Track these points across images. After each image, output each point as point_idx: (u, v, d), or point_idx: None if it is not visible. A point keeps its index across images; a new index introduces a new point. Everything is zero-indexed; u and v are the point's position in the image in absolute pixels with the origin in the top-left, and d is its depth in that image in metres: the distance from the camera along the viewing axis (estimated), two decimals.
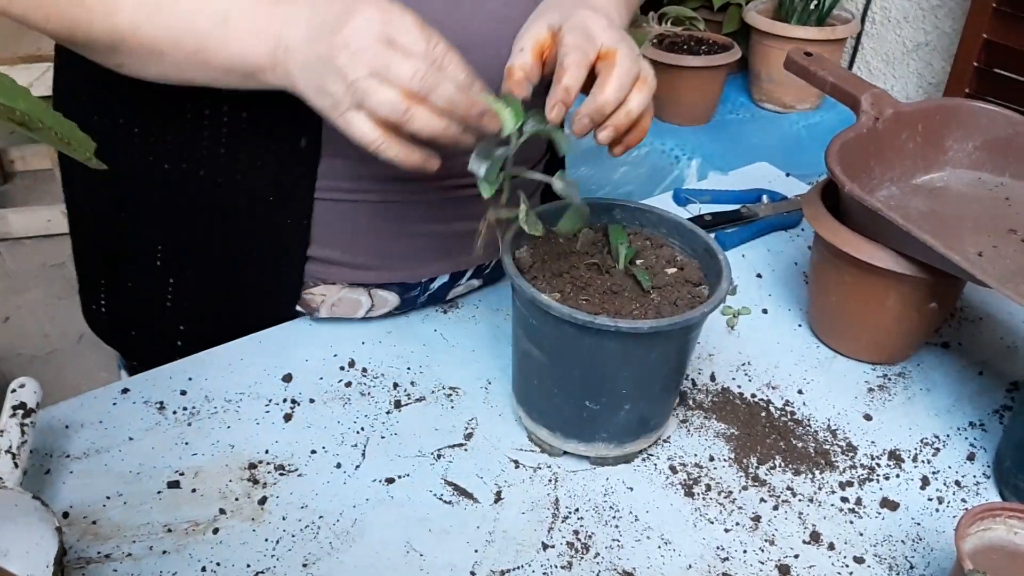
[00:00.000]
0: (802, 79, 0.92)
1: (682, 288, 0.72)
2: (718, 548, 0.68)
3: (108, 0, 0.65)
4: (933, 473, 0.76)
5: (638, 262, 0.75)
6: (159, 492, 0.68)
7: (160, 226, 0.83)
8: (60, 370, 0.67)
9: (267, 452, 0.73)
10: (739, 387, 0.84)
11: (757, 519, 0.71)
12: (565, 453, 0.74)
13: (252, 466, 0.71)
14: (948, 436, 0.80)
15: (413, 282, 0.86)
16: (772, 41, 1.78)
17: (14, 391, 0.66)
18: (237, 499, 0.68)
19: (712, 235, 0.84)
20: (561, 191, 0.68)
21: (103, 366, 1.81)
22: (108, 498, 0.68)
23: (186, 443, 0.73)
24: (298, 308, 0.85)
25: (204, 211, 0.81)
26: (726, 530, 0.70)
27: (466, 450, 0.75)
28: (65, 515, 0.65)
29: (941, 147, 0.89)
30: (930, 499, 0.74)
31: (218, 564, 0.63)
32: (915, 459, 0.78)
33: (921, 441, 0.79)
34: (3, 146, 3.01)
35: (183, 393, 0.78)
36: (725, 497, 0.72)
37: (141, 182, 0.81)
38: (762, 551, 0.68)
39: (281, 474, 0.71)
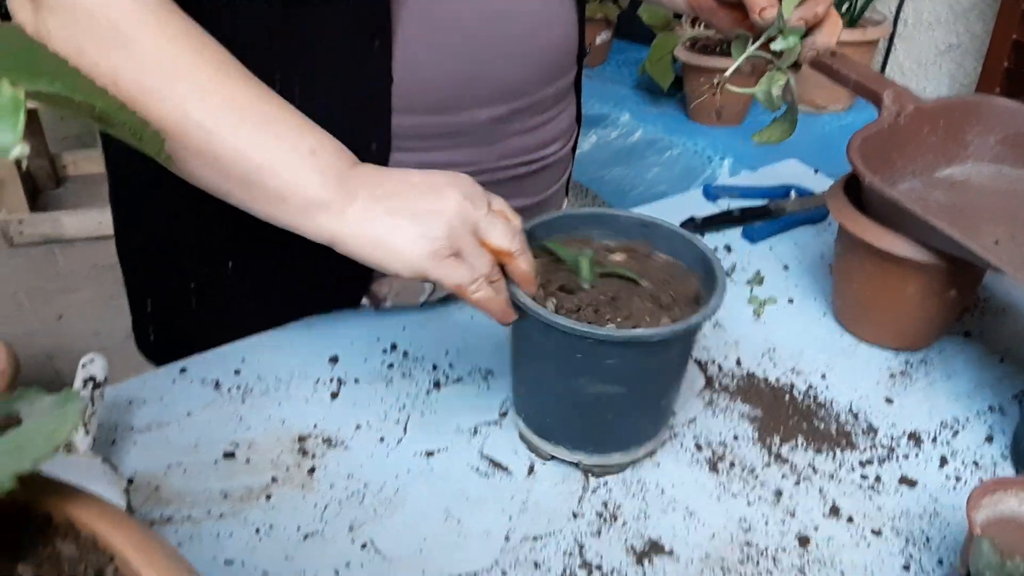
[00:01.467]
0: (827, 77, 0.95)
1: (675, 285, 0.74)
2: (741, 520, 0.72)
3: (195, 87, 0.64)
4: (952, 453, 0.79)
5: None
6: (216, 462, 0.74)
7: (224, 228, 0.84)
8: (111, 366, 0.73)
9: (315, 427, 0.78)
10: (764, 372, 0.87)
11: (779, 494, 0.74)
12: (552, 457, 0.76)
13: (301, 439, 0.76)
14: (968, 419, 0.83)
15: None
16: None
17: (84, 365, 0.71)
18: (288, 469, 0.73)
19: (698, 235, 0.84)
20: (792, 89, 0.74)
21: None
22: (169, 467, 0.73)
23: (240, 418, 0.78)
24: (363, 302, 0.89)
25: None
26: (748, 503, 0.73)
27: (500, 427, 0.79)
28: (130, 481, 0.71)
29: (962, 142, 0.92)
30: (948, 477, 0.77)
31: (271, 527, 0.68)
32: (934, 440, 0.80)
33: (941, 423, 0.82)
34: (56, 151, 3.11)
35: (237, 373, 0.83)
36: (748, 473, 0.76)
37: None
38: (783, 523, 0.71)
39: (329, 447, 0.76)
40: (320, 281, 0.87)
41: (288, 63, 0.73)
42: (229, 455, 0.74)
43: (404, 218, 0.64)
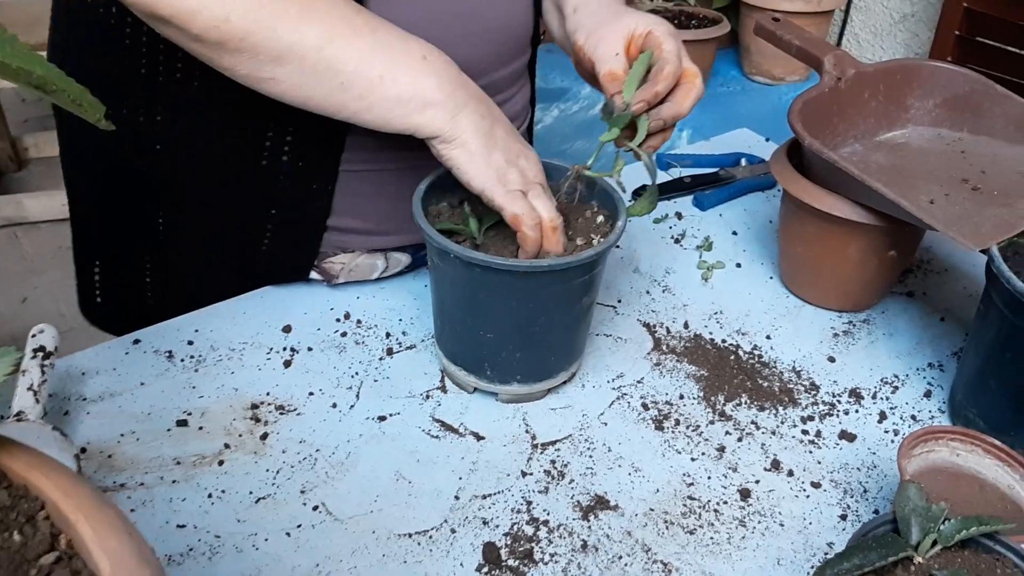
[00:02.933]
0: (770, 43, 0.97)
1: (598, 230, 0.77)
2: (684, 475, 0.74)
3: (305, 11, 0.67)
4: (891, 409, 0.82)
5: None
6: (168, 430, 0.74)
7: (177, 203, 0.86)
8: (75, 349, 0.73)
9: (268, 394, 0.79)
10: (711, 334, 0.89)
11: (722, 449, 0.76)
12: (476, 390, 0.80)
13: (254, 406, 0.77)
14: (907, 376, 0.85)
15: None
16: (761, 15, 1.82)
17: (34, 336, 0.72)
18: (240, 435, 0.74)
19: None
20: (647, 165, 0.75)
21: None
22: (122, 435, 0.74)
23: (193, 387, 0.79)
24: (314, 276, 0.90)
25: (224, 186, 0.84)
26: (692, 459, 0.75)
27: (452, 392, 0.80)
28: (83, 450, 0.71)
29: (903, 105, 0.94)
30: (886, 431, 0.79)
31: (223, 492, 0.69)
32: (874, 396, 0.83)
33: (881, 380, 0.85)
34: (18, 134, 3.08)
35: (190, 343, 0.84)
36: (693, 430, 0.78)
37: (156, 156, 0.84)
38: (725, 477, 0.74)
39: (281, 413, 0.77)
40: (269, 253, 0.88)
41: None
42: (182, 423, 0.75)
43: (498, 148, 0.72)
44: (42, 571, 0.34)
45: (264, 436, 0.75)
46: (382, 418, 0.77)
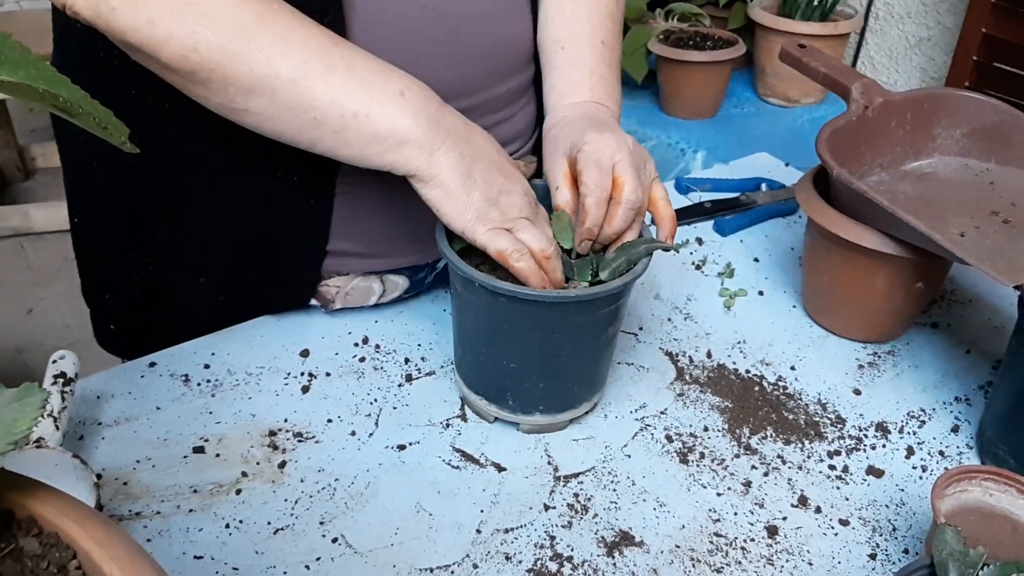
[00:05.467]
0: (796, 70, 0.96)
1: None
2: (710, 510, 0.72)
3: (279, 43, 0.65)
4: (918, 444, 0.80)
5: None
6: (185, 457, 0.73)
7: (175, 231, 0.84)
8: (82, 360, 0.72)
9: (286, 421, 0.77)
10: (734, 363, 0.88)
11: (748, 484, 0.75)
12: (496, 420, 0.79)
13: (272, 433, 0.76)
14: (934, 410, 0.84)
15: (422, 264, 0.91)
16: (776, 37, 1.82)
17: (55, 362, 0.71)
18: (258, 463, 0.73)
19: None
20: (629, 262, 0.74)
21: None
22: (138, 462, 0.72)
23: (210, 412, 0.78)
24: (312, 303, 0.89)
25: (221, 217, 0.82)
26: (718, 494, 0.74)
27: (472, 421, 0.79)
28: (99, 476, 0.70)
29: (929, 135, 0.93)
30: (914, 467, 0.78)
31: (240, 522, 0.68)
32: (901, 431, 0.81)
33: (908, 414, 0.83)
34: (25, 144, 3.07)
35: (207, 367, 0.82)
36: (718, 464, 0.76)
37: (152, 179, 0.82)
38: (752, 513, 0.72)
39: (299, 441, 0.76)
40: (267, 281, 0.86)
41: None
42: (198, 450, 0.74)
43: (478, 187, 0.70)
44: None
45: (282, 464, 0.73)
46: (401, 447, 0.76)
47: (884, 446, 0.80)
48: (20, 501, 0.36)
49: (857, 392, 0.85)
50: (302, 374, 0.83)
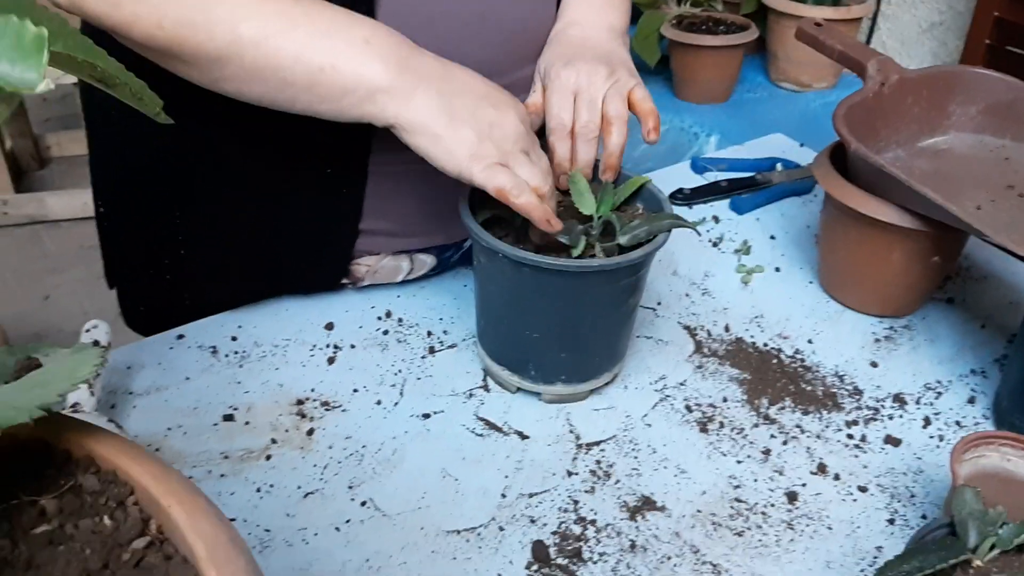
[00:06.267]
0: (812, 48, 0.97)
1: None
2: (730, 477, 0.73)
3: (238, 8, 0.66)
4: (935, 414, 0.81)
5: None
6: (215, 424, 0.75)
7: (205, 214, 0.85)
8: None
9: (313, 391, 0.79)
10: (752, 337, 0.89)
11: (767, 452, 0.76)
12: (519, 390, 0.80)
13: (299, 402, 0.78)
14: (951, 382, 0.85)
15: (450, 243, 0.92)
16: (789, 21, 1.82)
17: (88, 331, 0.72)
18: (287, 431, 0.75)
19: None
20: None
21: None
22: (169, 429, 0.74)
23: (238, 382, 0.79)
24: (343, 281, 0.90)
25: (254, 194, 0.83)
26: (738, 462, 0.75)
27: (495, 392, 0.80)
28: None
29: (944, 111, 0.94)
30: (931, 436, 0.79)
31: (271, 486, 0.70)
32: (918, 402, 0.82)
33: (924, 386, 0.84)
34: (40, 133, 3.10)
35: (234, 339, 0.84)
36: (737, 433, 0.78)
37: (185, 161, 0.83)
38: (771, 480, 0.73)
39: (327, 409, 0.77)
40: (300, 264, 0.87)
41: None
42: (228, 418, 0.75)
43: (465, 123, 0.68)
44: (135, 556, 0.34)
45: (310, 432, 0.75)
46: (426, 415, 0.77)
47: (901, 416, 0.81)
48: (78, 441, 0.37)
49: (874, 365, 0.86)
50: (327, 346, 0.84)
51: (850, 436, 0.78)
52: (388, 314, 0.89)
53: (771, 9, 1.87)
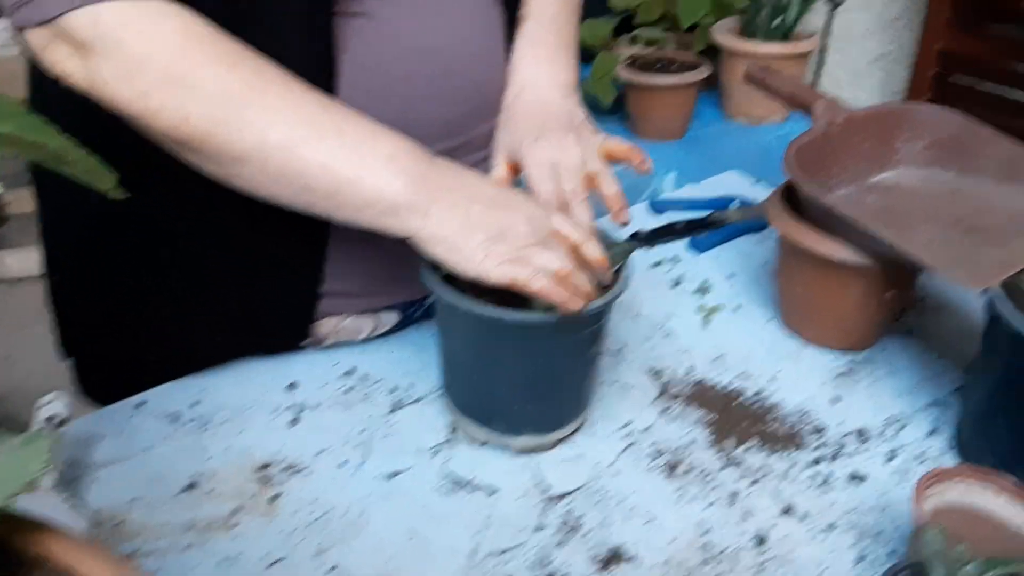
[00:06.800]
0: (761, 91, 0.98)
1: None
2: (699, 523, 0.73)
3: (268, 112, 0.66)
4: (898, 448, 0.82)
5: None
6: (178, 494, 0.74)
7: (163, 278, 0.84)
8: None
9: (277, 454, 0.78)
10: (715, 378, 0.90)
11: (735, 495, 0.76)
12: (486, 443, 0.80)
13: (263, 467, 0.77)
14: (912, 414, 0.86)
15: (414, 299, 0.92)
16: (739, 58, 1.86)
17: (46, 404, 0.71)
18: (251, 497, 0.74)
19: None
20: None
21: None
22: (132, 500, 0.73)
23: (201, 449, 0.78)
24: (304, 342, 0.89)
25: (213, 258, 0.82)
26: (707, 506, 0.75)
27: (462, 445, 0.80)
28: (93, 517, 0.70)
29: (892, 148, 0.96)
30: (895, 471, 0.80)
31: (238, 555, 0.69)
32: (881, 436, 0.83)
33: (886, 420, 0.85)
34: None
35: (195, 404, 0.83)
36: (705, 477, 0.78)
37: (142, 232, 0.82)
38: (740, 523, 0.74)
39: (291, 473, 0.76)
40: (260, 327, 0.87)
41: None
42: (191, 487, 0.74)
43: (478, 229, 0.69)
44: None
45: (275, 497, 0.74)
46: (392, 475, 0.77)
47: (865, 452, 0.81)
48: (31, 539, 0.37)
49: (836, 400, 0.87)
50: (290, 407, 0.83)
51: (815, 475, 0.79)
52: (352, 371, 0.88)
53: (722, 47, 1.91)
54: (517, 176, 0.83)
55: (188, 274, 0.84)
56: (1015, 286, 0.79)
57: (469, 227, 0.69)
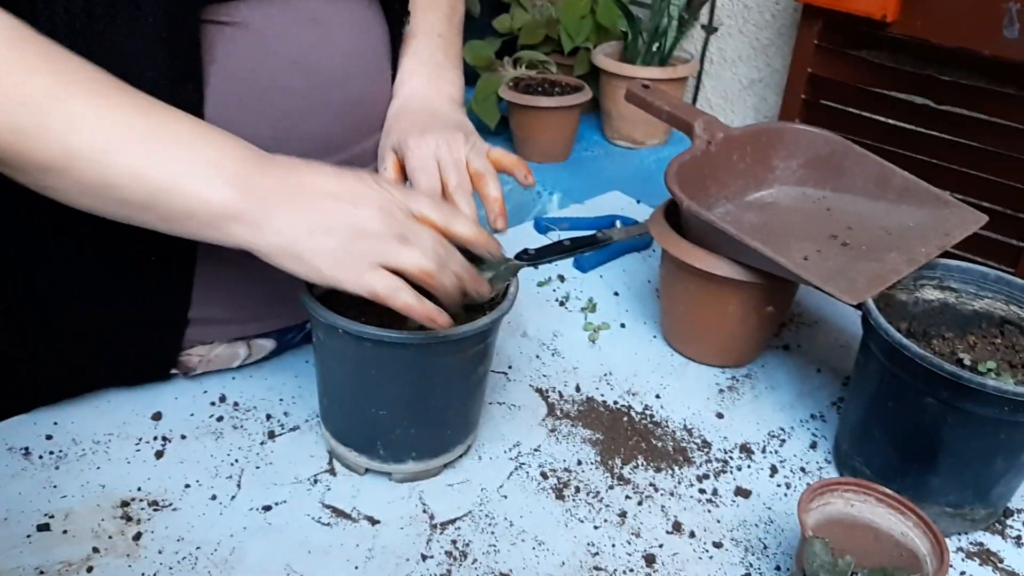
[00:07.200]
0: (641, 109, 0.99)
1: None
2: (588, 544, 0.72)
3: (75, 118, 0.60)
4: (780, 462, 0.83)
5: None
6: (28, 536, 0.67)
7: (20, 303, 0.78)
8: None
9: (139, 489, 0.72)
10: (602, 396, 0.89)
11: (623, 515, 0.75)
12: (367, 471, 0.76)
13: (125, 504, 0.71)
14: (792, 428, 0.87)
15: (292, 324, 0.88)
16: (620, 82, 1.88)
17: None
18: (111, 537, 0.68)
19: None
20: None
21: None
22: None
23: (54, 486, 0.72)
24: (173, 371, 0.84)
25: (69, 279, 0.76)
26: (595, 527, 0.74)
27: (342, 475, 0.76)
28: None
29: (769, 166, 0.98)
30: (779, 485, 0.80)
31: None
32: (764, 450, 0.84)
33: (768, 434, 0.86)
34: None
35: (49, 438, 0.77)
36: (593, 497, 0.77)
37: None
38: (629, 543, 0.72)
39: (155, 510, 0.71)
40: (123, 356, 0.81)
41: None
42: (43, 527, 0.68)
43: (325, 234, 0.63)
44: None
45: (137, 536, 0.68)
46: (267, 508, 0.72)
47: (749, 467, 0.82)
48: None
49: (720, 416, 0.88)
50: (155, 438, 0.78)
51: (702, 491, 0.78)
52: (222, 398, 0.83)
53: (603, 71, 1.93)
54: (407, 177, 0.81)
55: (40, 296, 0.77)
56: (888, 299, 0.81)
57: (314, 232, 0.63)
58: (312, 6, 0.76)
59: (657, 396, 0.89)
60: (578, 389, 0.89)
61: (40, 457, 0.74)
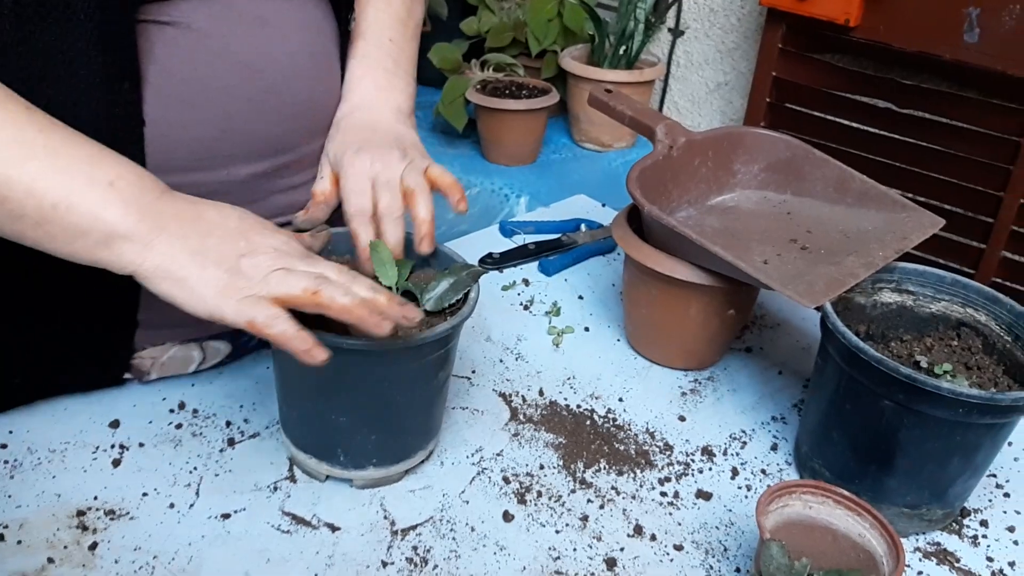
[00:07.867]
0: (604, 113, 0.99)
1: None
2: (550, 549, 0.72)
3: None
4: (742, 464, 0.83)
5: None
6: None
7: None
8: None
9: (96, 498, 0.72)
10: (565, 399, 0.89)
11: (585, 519, 0.75)
12: (328, 478, 0.76)
13: (81, 513, 0.70)
14: (754, 430, 0.88)
15: None
16: (587, 84, 1.89)
17: None
18: (66, 547, 0.67)
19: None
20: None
21: None
22: None
23: (9, 496, 0.71)
24: (125, 376, 0.83)
25: (13, 279, 0.75)
26: (557, 531, 0.74)
27: (302, 481, 0.76)
28: None
29: (730, 171, 0.99)
30: (740, 487, 0.81)
31: None
32: (725, 453, 0.84)
33: (730, 436, 0.87)
34: None
35: (3, 447, 0.75)
36: (555, 501, 0.77)
37: None
38: (591, 547, 0.72)
39: (112, 519, 0.70)
40: (72, 361, 0.79)
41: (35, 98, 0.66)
42: None
43: (212, 262, 0.62)
44: None
45: (93, 546, 0.67)
46: (226, 515, 0.72)
47: (711, 469, 0.82)
48: None
49: (682, 419, 0.88)
50: (112, 447, 0.77)
51: (663, 494, 0.79)
52: (181, 406, 0.82)
53: (570, 73, 1.94)
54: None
55: None
56: (847, 303, 0.82)
57: (201, 259, 0.62)
58: (257, 6, 0.76)
59: (620, 399, 0.90)
60: (541, 393, 0.89)
61: None
